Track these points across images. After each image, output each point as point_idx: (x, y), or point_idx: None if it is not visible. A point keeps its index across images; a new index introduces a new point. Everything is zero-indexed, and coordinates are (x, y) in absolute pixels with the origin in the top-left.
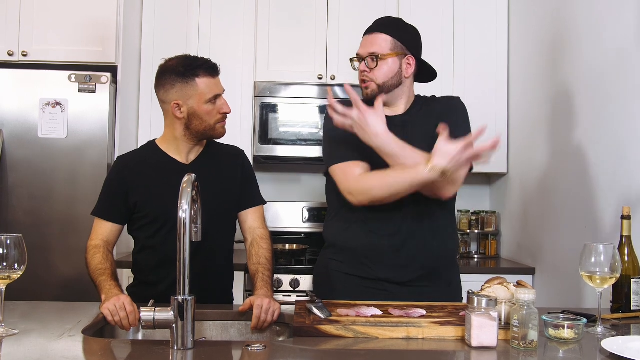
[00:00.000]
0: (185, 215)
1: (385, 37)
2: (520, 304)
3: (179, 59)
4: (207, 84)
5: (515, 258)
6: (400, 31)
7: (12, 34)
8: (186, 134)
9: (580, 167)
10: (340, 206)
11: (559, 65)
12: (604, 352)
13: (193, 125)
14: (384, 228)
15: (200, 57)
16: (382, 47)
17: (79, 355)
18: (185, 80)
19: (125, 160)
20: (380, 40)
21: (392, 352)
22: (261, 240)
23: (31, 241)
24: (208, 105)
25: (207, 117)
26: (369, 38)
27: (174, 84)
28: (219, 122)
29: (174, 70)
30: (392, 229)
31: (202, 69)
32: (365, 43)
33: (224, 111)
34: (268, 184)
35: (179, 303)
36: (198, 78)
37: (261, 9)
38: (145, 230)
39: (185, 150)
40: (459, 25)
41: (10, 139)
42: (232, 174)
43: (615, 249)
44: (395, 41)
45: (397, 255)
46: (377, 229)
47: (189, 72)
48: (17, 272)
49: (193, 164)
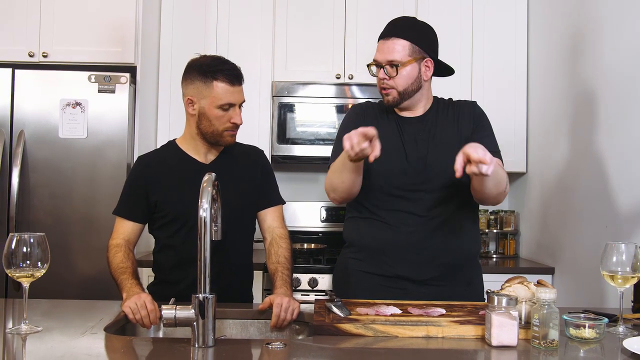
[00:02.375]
0: (206, 214)
1: (403, 42)
2: (541, 303)
3: (208, 58)
4: (224, 89)
5: (535, 257)
6: (417, 34)
7: (32, 36)
8: (199, 133)
9: (601, 166)
10: (359, 204)
11: (579, 63)
12: (625, 352)
13: (202, 125)
14: (404, 226)
15: (228, 62)
16: (400, 53)
17: (101, 352)
18: (204, 80)
19: (146, 159)
20: (398, 47)
21: (412, 351)
22: (280, 239)
23: (52, 240)
24: (219, 110)
25: (216, 122)
26: (386, 44)
27: (194, 80)
28: (228, 130)
29: (198, 67)
30: (412, 227)
31: (223, 74)
32: (383, 49)
33: (234, 121)
34: (286, 184)
35: (200, 301)
36: (216, 81)
37: (279, 8)
38: (165, 229)
39: (203, 150)
40: (477, 22)
41: (31, 140)
42: (251, 174)
43: (637, 248)
44: (413, 46)
45: (416, 252)
46: (396, 227)
47: (210, 74)
48: (40, 270)
49: (212, 163)
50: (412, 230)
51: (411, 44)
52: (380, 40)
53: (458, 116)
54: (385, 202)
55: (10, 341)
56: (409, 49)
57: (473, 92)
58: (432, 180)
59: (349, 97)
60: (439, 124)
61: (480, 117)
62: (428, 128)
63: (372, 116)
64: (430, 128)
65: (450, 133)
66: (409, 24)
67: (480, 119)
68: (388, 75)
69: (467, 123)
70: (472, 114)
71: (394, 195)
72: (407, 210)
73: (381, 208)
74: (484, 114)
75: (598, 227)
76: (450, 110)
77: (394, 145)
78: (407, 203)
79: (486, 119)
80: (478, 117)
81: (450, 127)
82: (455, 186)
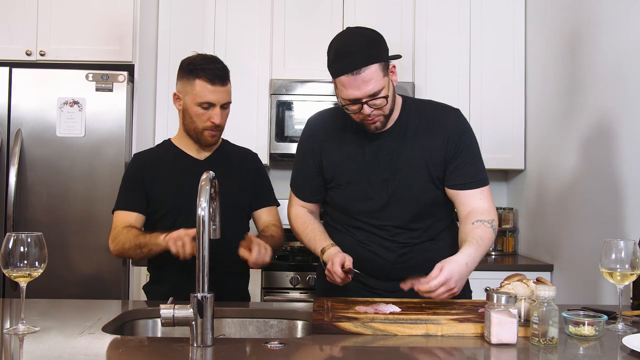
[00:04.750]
0: (204, 212)
1: (374, 68)
2: (540, 300)
3: (199, 56)
4: (203, 88)
5: (533, 255)
6: (377, 48)
7: (30, 34)
8: (184, 129)
9: (599, 163)
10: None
11: (577, 60)
12: (624, 349)
13: (186, 121)
14: (373, 244)
15: (216, 63)
16: (379, 82)
17: (99, 352)
18: (188, 77)
19: (142, 156)
20: (374, 75)
21: (411, 349)
22: (274, 227)
23: (50, 239)
24: (199, 108)
25: (196, 119)
26: (359, 78)
27: (182, 76)
28: (208, 129)
29: (187, 64)
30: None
31: (204, 72)
32: (358, 85)
33: (213, 121)
34: (284, 182)
35: (198, 300)
36: (197, 79)
37: (277, 5)
38: (159, 224)
39: (195, 147)
40: (475, 20)
41: (28, 138)
42: (245, 173)
43: (636, 245)
44: (381, 64)
45: (384, 271)
46: (365, 244)
47: (193, 71)
48: (37, 270)
49: (208, 160)
50: (381, 250)
51: (379, 64)
52: (344, 76)
53: (431, 132)
54: (352, 222)
55: (8, 341)
56: (381, 71)
57: (471, 90)
58: (398, 204)
59: None
60: (406, 139)
61: (460, 136)
62: (392, 145)
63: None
64: (395, 145)
65: (418, 151)
66: (363, 43)
67: (459, 139)
68: (376, 107)
69: (438, 141)
70: (449, 133)
71: (359, 220)
72: (374, 232)
73: (350, 225)
74: (465, 128)
75: (597, 224)
76: (423, 122)
77: (355, 168)
78: (372, 227)
79: (468, 136)
80: (457, 136)
81: (418, 144)
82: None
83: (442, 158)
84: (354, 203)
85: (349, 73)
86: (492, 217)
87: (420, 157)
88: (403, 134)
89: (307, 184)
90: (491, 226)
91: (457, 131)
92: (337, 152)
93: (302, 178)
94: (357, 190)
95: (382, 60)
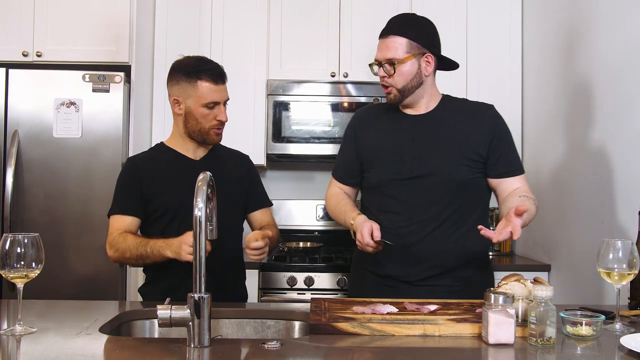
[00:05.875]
0: (201, 213)
1: (400, 40)
2: (537, 300)
3: (191, 58)
4: (208, 89)
5: (530, 255)
6: (415, 30)
7: (26, 35)
8: (186, 132)
9: (596, 162)
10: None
11: (575, 58)
12: (622, 349)
13: (189, 124)
14: (394, 227)
15: (211, 62)
16: (398, 51)
17: (96, 353)
18: (189, 79)
19: (136, 159)
20: (396, 44)
21: (408, 350)
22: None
23: (46, 240)
24: (204, 109)
25: (202, 120)
26: (384, 42)
27: (179, 80)
28: (214, 127)
29: (182, 68)
30: (403, 229)
31: (206, 73)
32: (382, 47)
33: (219, 118)
34: (281, 182)
35: (195, 301)
36: (200, 81)
37: (273, 6)
38: (156, 224)
39: (192, 147)
40: (472, 19)
41: (25, 139)
42: (239, 174)
43: (634, 245)
44: (411, 42)
45: (405, 254)
46: (387, 228)
47: (194, 74)
48: (34, 270)
49: (202, 160)
50: (403, 232)
51: (409, 40)
52: (379, 39)
53: (472, 121)
54: (380, 203)
55: (5, 342)
56: (406, 46)
57: (467, 89)
58: (428, 179)
59: (343, 95)
60: (444, 124)
61: (499, 126)
62: (429, 127)
63: (371, 118)
64: (432, 127)
65: (457, 136)
66: (407, 21)
67: (499, 129)
68: (387, 73)
69: (483, 132)
70: (489, 123)
71: (387, 195)
72: (399, 211)
73: (378, 209)
74: (501, 120)
75: (594, 224)
76: (463, 112)
77: (390, 145)
78: (399, 205)
79: (505, 128)
80: (496, 126)
81: (458, 130)
82: (453, 188)
83: (478, 144)
84: (386, 180)
85: (381, 37)
86: (534, 196)
87: (455, 141)
88: (441, 120)
89: (344, 165)
90: (534, 203)
91: (497, 125)
92: (375, 133)
93: (341, 160)
94: (390, 167)
95: (414, 39)
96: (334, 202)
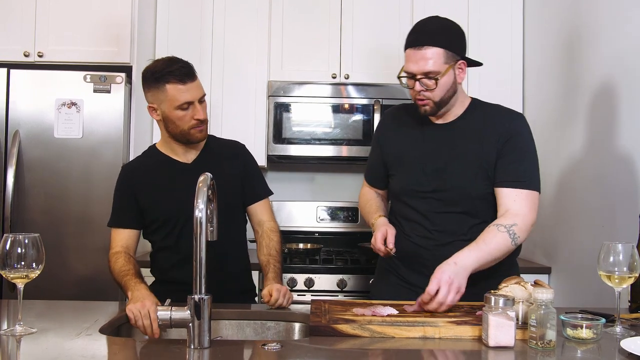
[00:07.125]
0: (202, 214)
1: (437, 51)
2: (538, 303)
3: (158, 62)
4: (177, 90)
5: (531, 257)
6: (448, 38)
7: (28, 35)
8: (170, 136)
9: (597, 164)
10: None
11: (575, 59)
12: (622, 352)
13: (169, 128)
14: (415, 236)
15: (177, 62)
16: (437, 64)
17: (96, 353)
18: (157, 85)
19: (129, 168)
20: (434, 56)
21: (409, 352)
22: (271, 232)
23: (47, 240)
24: (179, 111)
25: (180, 122)
26: (420, 54)
27: (150, 87)
28: (194, 127)
29: (151, 73)
30: (423, 239)
31: (172, 75)
32: (416, 59)
33: (197, 117)
34: (282, 184)
35: (195, 302)
36: (168, 84)
37: (275, 7)
38: (158, 233)
39: (181, 151)
40: (473, 20)
41: (26, 140)
42: (234, 169)
43: (634, 248)
44: (447, 52)
45: (425, 264)
46: (409, 236)
47: (161, 78)
48: (35, 271)
49: (195, 162)
50: (423, 242)
51: (445, 50)
52: (410, 49)
53: (489, 132)
54: (402, 210)
55: (5, 343)
56: (443, 57)
57: (469, 91)
58: (447, 194)
59: (344, 96)
60: (466, 133)
61: (513, 137)
62: (453, 137)
63: (396, 124)
64: (455, 137)
65: (474, 148)
66: (441, 28)
67: (511, 138)
68: (425, 87)
69: (492, 140)
70: (501, 131)
71: (408, 205)
72: (419, 221)
73: (400, 215)
74: (521, 131)
75: (595, 227)
76: (485, 122)
77: (414, 155)
78: (419, 215)
79: (521, 139)
80: (509, 135)
81: (475, 141)
82: (470, 201)
83: (493, 157)
84: (407, 191)
85: (414, 47)
86: (515, 221)
87: (476, 153)
88: (464, 129)
89: (372, 169)
90: (507, 230)
91: (511, 132)
92: (399, 140)
93: (370, 164)
94: (412, 175)
95: (449, 48)
96: (363, 202)
